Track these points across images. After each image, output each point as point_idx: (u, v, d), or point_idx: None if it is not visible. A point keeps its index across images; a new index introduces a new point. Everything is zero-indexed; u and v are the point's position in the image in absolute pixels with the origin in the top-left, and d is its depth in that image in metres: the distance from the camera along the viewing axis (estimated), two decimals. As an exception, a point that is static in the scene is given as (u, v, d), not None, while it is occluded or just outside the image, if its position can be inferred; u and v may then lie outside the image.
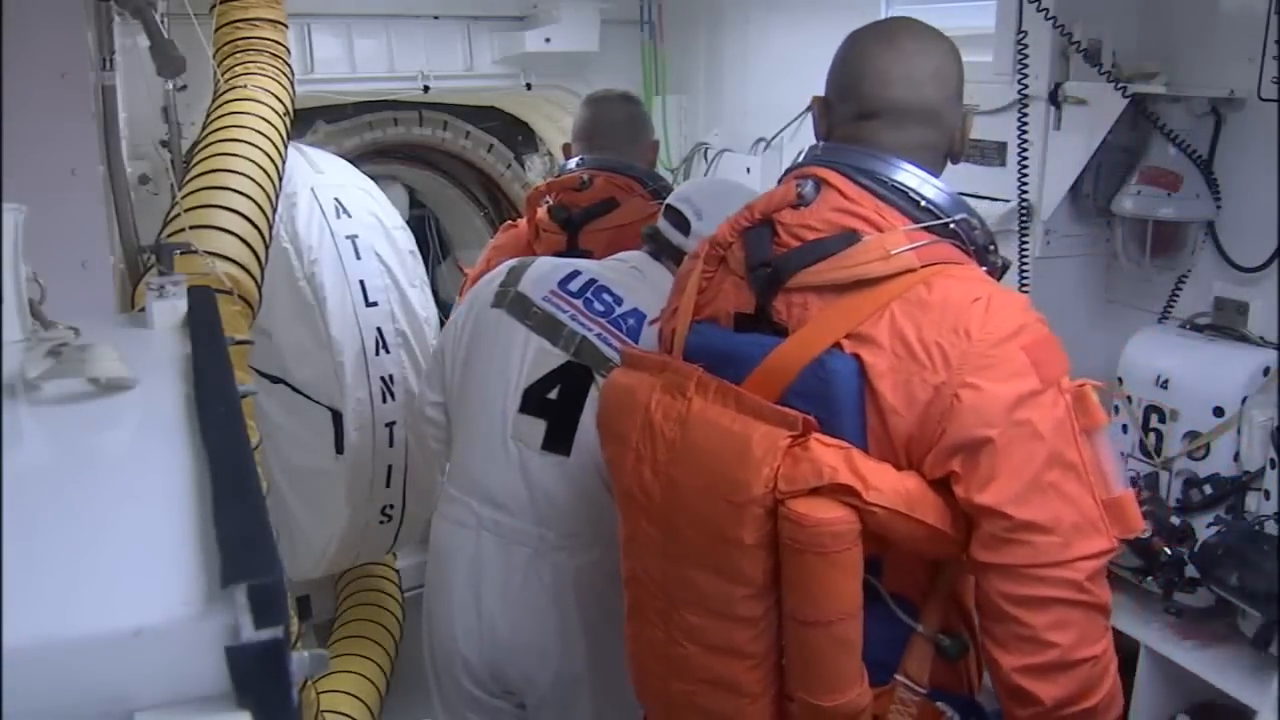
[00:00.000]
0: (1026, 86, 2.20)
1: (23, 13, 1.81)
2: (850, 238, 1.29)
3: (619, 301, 1.88)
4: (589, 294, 1.90)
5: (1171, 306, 2.21)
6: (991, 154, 2.43)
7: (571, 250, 2.18)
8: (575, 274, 1.93)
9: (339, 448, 2.72)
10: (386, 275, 2.76)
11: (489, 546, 1.88)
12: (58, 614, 0.64)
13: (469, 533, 1.89)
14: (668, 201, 1.99)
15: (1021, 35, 2.18)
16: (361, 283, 2.71)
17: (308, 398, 2.73)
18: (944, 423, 1.20)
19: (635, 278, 1.93)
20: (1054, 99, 2.23)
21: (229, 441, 0.87)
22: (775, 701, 1.35)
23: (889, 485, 1.21)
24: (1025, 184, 2.25)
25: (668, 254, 1.94)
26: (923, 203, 1.32)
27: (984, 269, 1.35)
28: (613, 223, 2.20)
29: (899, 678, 1.33)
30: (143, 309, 1.35)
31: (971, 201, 1.93)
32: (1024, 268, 2.28)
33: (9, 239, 1.16)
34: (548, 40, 3.37)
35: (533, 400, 1.85)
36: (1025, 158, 2.22)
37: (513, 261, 2.03)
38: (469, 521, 1.90)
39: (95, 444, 0.99)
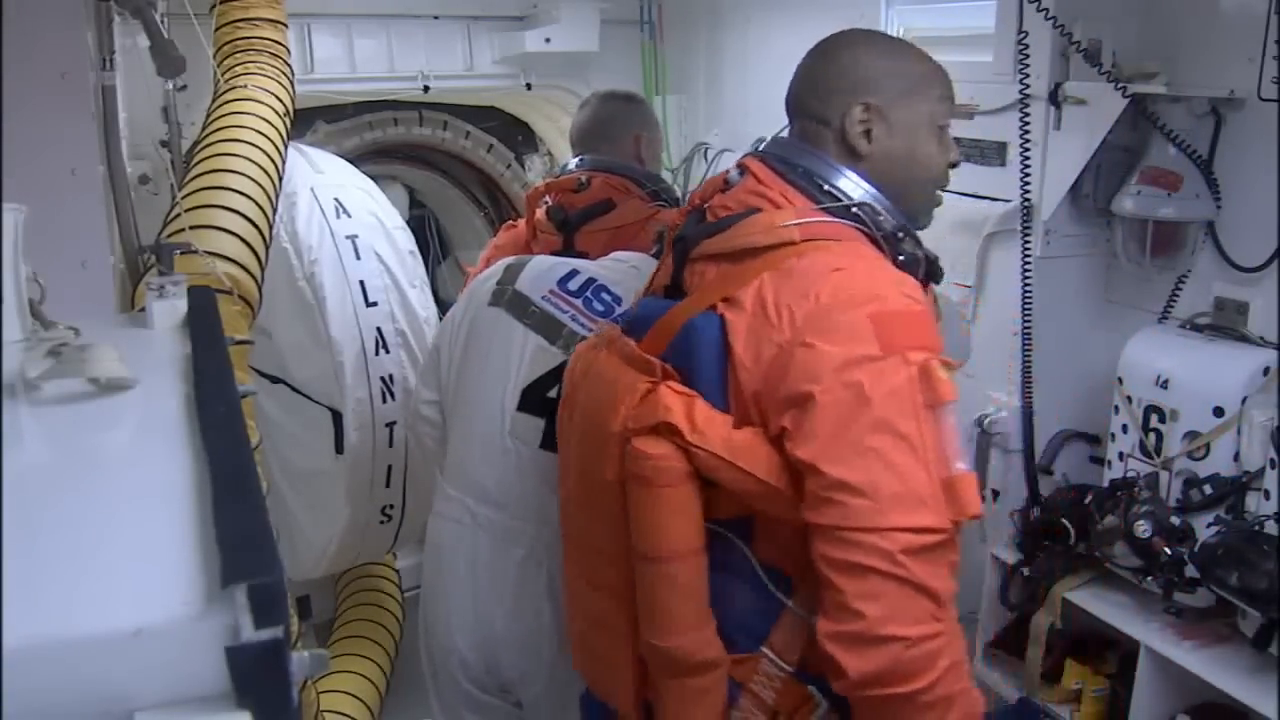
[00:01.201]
0: (1027, 86, 2.20)
1: (23, 13, 1.81)
2: (750, 214, 1.40)
3: (619, 301, 1.88)
4: (588, 293, 1.90)
5: (1171, 306, 2.22)
6: (992, 154, 2.43)
7: (568, 251, 2.18)
8: (574, 273, 1.93)
9: (339, 448, 2.72)
10: (386, 275, 2.76)
11: (484, 544, 1.88)
12: (58, 614, 0.64)
13: (465, 530, 1.90)
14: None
15: (1021, 35, 2.18)
16: (361, 283, 2.71)
17: (308, 398, 2.73)
18: (781, 378, 1.26)
19: (634, 277, 1.93)
20: (1054, 99, 2.23)
21: (229, 441, 0.87)
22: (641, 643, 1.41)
23: (715, 432, 1.28)
24: (1027, 184, 2.25)
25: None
26: (825, 186, 1.40)
27: (900, 257, 1.39)
28: (609, 224, 2.19)
29: (764, 650, 1.36)
30: (143, 309, 1.35)
31: (971, 202, 1.95)
32: (1025, 268, 2.28)
33: (9, 239, 1.15)
34: (548, 40, 3.37)
35: (531, 399, 1.85)
36: (1027, 158, 2.23)
37: (509, 259, 2.03)
38: (464, 519, 1.90)
39: (95, 444, 0.99)
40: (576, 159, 2.35)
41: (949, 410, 1.23)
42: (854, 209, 1.38)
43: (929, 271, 1.45)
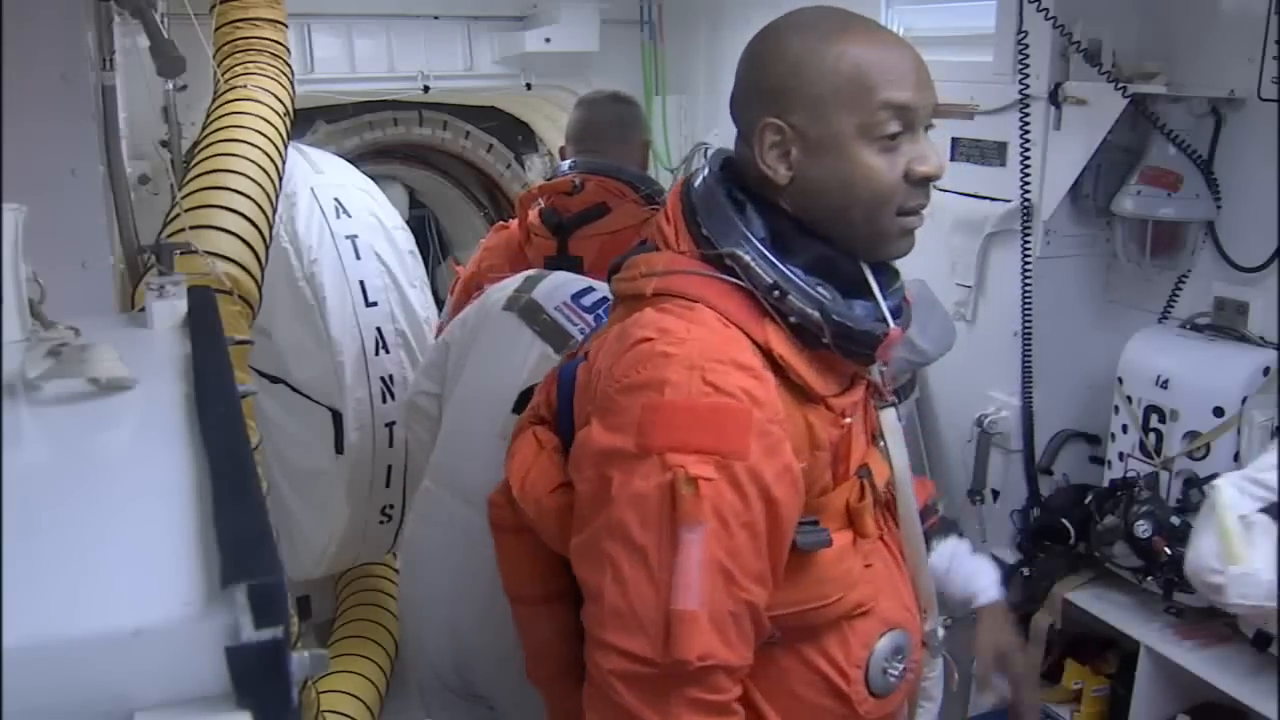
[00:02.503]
0: (1027, 86, 2.20)
1: (23, 13, 1.81)
2: (644, 248, 1.24)
3: None
4: (600, 311, 1.89)
5: (1171, 306, 2.22)
6: (992, 154, 2.44)
7: (561, 255, 2.17)
8: (590, 289, 1.92)
9: (339, 448, 2.72)
10: (386, 275, 2.76)
11: (459, 545, 1.86)
12: (58, 614, 0.64)
13: (439, 530, 1.88)
14: None
15: (1021, 35, 2.18)
16: (361, 283, 2.71)
17: (308, 398, 2.73)
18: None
19: None
20: (1054, 99, 2.23)
21: (229, 441, 0.87)
22: None
23: (534, 490, 1.22)
24: (1028, 184, 2.25)
25: None
26: (704, 229, 1.17)
27: (791, 319, 1.14)
28: (603, 229, 2.19)
29: None
30: (143, 309, 1.35)
31: (971, 201, 1.90)
32: (1025, 268, 2.28)
33: (9, 239, 1.15)
34: (548, 40, 3.37)
35: (527, 403, 1.85)
36: (1027, 157, 2.23)
37: (530, 271, 2.03)
38: (440, 518, 1.88)
39: (95, 444, 0.99)
40: (569, 162, 2.34)
41: (698, 535, 1.04)
42: (728, 259, 1.14)
43: (843, 341, 1.14)
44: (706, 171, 1.22)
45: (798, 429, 1.13)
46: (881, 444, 1.30)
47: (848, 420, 1.19)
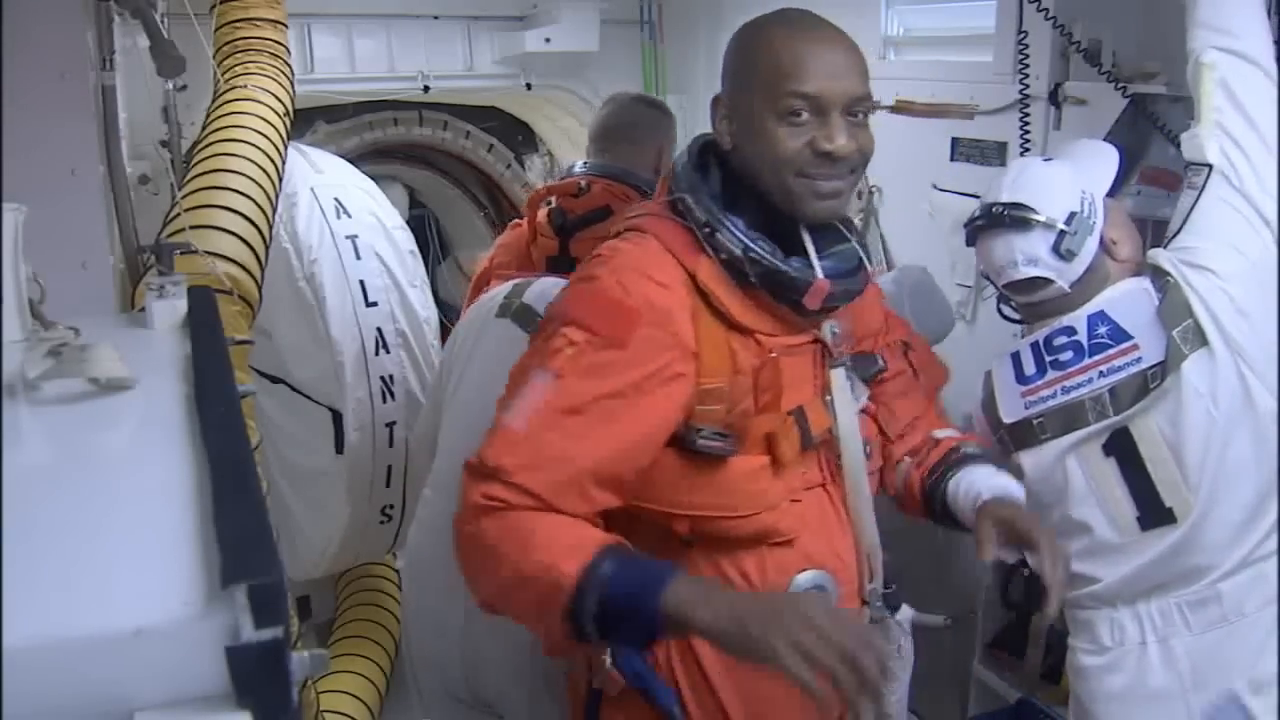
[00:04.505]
0: (1027, 86, 2.20)
1: (23, 13, 1.81)
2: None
3: None
4: None
5: (1171, 306, 2.21)
6: (991, 154, 2.44)
7: (562, 256, 2.17)
8: None
9: (339, 448, 2.72)
10: (386, 275, 2.76)
11: None
12: (58, 614, 0.64)
13: (442, 539, 1.88)
14: None
15: (1021, 35, 2.18)
16: (361, 283, 2.71)
17: (308, 398, 2.73)
18: None
19: None
20: (1054, 99, 2.23)
21: (229, 441, 0.87)
22: None
23: None
24: (1026, 184, 2.25)
25: None
26: (671, 185, 1.42)
27: (721, 255, 1.34)
28: (603, 232, 2.18)
29: None
30: (143, 309, 1.35)
31: (971, 201, 1.92)
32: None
33: (9, 239, 1.16)
34: (548, 40, 3.37)
35: None
36: (1026, 158, 2.23)
37: (518, 279, 2.04)
38: (440, 526, 1.88)
39: (95, 444, 0.99)
40: (581, 163, 2.34)
41: (545, 381, 1.27)
42: (677, 203, 1.39)
43: (767, 281, 1.34)
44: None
45: (718, 350, 1.33)
46: (828, 398, 1.44)
47: (773, 354, 1.36)
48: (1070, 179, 1.78)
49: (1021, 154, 2.23)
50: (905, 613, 1.58)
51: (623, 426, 1.27)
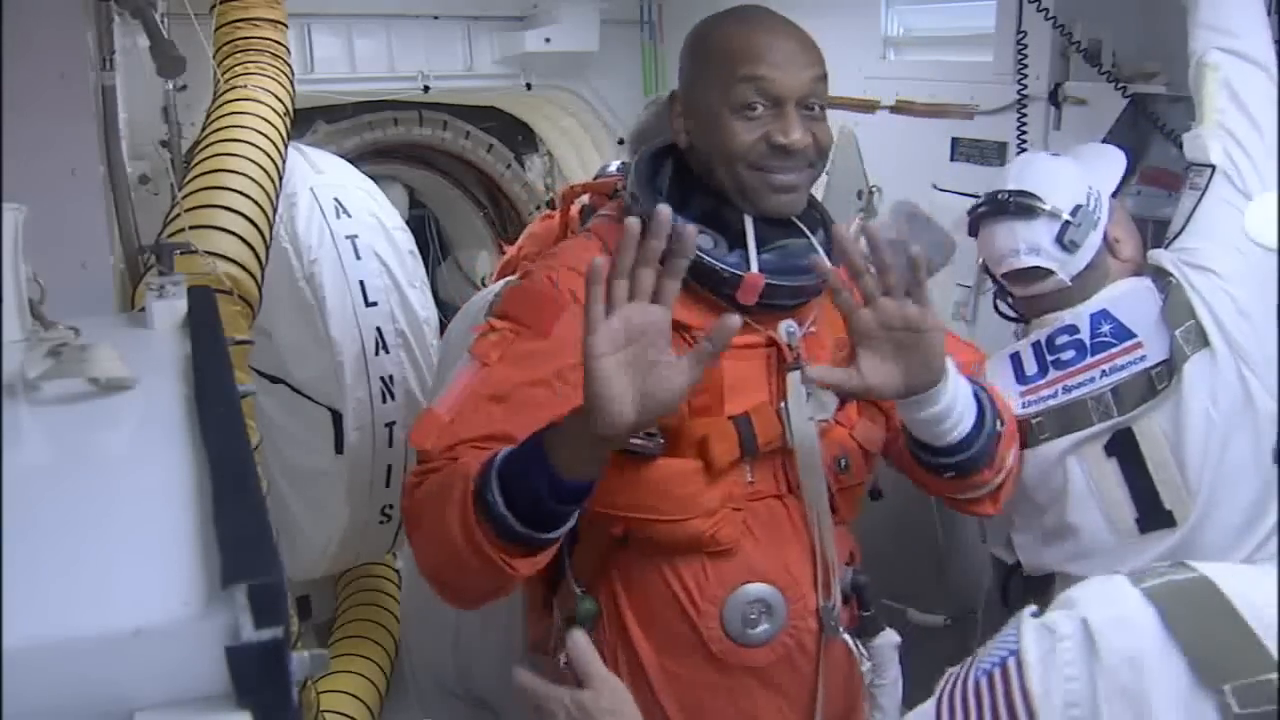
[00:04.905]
0: (1026, 86, 2.20)
1: (23, 13, 1.81)
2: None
3: None
4: None
5: (1172, 306, 2.21)
6: (991, 154, 2.44)
7: None
8: None
9: (339, 448, 2.72)
10: (386, 275, 2.76)
11: None
12: (58, 614, 0.64)
13: None
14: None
15: (1021, 35, 2.18)
16: (361, 283, 2.71)
17: (308, 398, 2.73)
18: None
19: None
20: (1054, 99, 2.23)
21: (229, 441, 0.87)
22: None
23: None
24: (1026, 184, 2.25)
25: None
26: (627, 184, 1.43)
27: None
28: None
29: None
30: (143, 309, 1.36)
31: (972, 202, 1.91)
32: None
33: (9, 239, 1.16)
34: (548, 40, 3.37)
35: None
36: (1025, 158, 2.22)
37: (510, 278, 2.05)
38: None
39: (95, 444, 0.99)
40: (619, 163, 2.35)
41: (470, 367, 1.31)
42: (625, 200, 1.41)
43: (699, 275, 1.30)
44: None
45: None
46: (782, 405, 1.36)
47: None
48: (1077, 173, 1.77)
49: (1019, 155, 2.23)
50: (889, 637, 1.48)
51: (544, 413, 1.21)
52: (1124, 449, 1.71)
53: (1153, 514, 1.69)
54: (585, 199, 2.26)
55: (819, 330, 1.42)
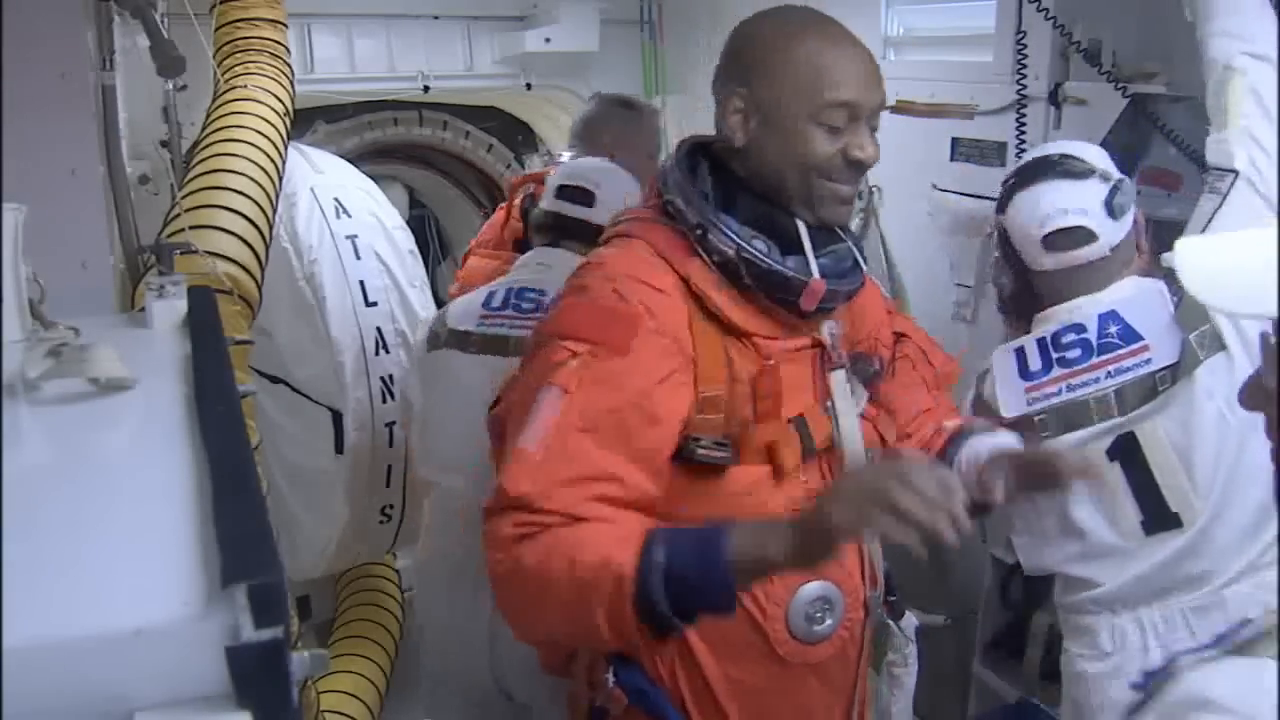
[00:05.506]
0: (1026, 86, 2.20)
1: (23, 13, 1.81)
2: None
3: (543, 294, 1.93)
4: (513, 300, 1.97)
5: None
6: (991, 154, 2.44)
7: (526, 239, 2.24)
8: (492, 293, 2.01)
9: (339, 448, 2.72)
10: (386, 275, 2.77)
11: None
12: (58, 614, 0.64)
13: (468, 535, 1.90)
14: (560, 182, 2.04)
15: (1021, 35, 2.18)
16: (361, 283, 2.71)
17: (308, 398, 2.73)
18: None
19: (544, 271, 1.99)
20: (1054, 99, 2.23)
21: (229, 441, 0.87)
22: None
23: None
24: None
25: (571, 235, 1.99)
26: (660, 188, 1.39)
27: (714, 257, 1.32)
28: None
29: None
30: (143, 309, 1.36)
31: (971, 201, 1.92)
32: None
33: (9, 239, 1.16)
34: (548, 40, 3.37)
35: None
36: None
37: (436, 312, 2.17)
38: (451, 524, 1.92)
39: (95, 444, 0.99)
40: (570, 153, 2.44)
41: (552, 396, 1.24)
42: (668, 206, 1.35)
43: (761, 282, 1.32)
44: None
45: (714, 356, 1.30)
46: (829, 404, 1.40)
47: (770, 361, 1.34)
48: (1107, 158, 1.78)
49: (1018, 155, 2.23)
50: (909, 620, 1.56)
51: (636, 443, 1.23)
52: (1126, 454, 1.71)
53: (1158, 516, 1.69)
54: (530, 188, 2.32)
55: (847, 326, 1.47)
